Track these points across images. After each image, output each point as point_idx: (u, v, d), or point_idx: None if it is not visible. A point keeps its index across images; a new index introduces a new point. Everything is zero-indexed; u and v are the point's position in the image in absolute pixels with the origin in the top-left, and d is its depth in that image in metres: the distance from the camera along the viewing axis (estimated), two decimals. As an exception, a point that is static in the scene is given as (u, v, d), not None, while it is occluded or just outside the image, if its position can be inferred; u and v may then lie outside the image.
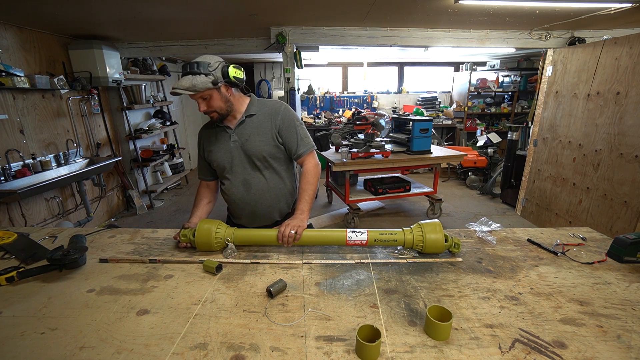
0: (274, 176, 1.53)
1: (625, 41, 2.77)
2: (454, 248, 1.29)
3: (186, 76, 1.31)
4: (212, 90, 1.35)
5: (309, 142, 1.53)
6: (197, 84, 1.29)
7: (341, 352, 0.83)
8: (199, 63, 1.31)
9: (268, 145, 1.48)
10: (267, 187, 1.52)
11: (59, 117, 3.53)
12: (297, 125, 1.51)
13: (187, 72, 1.31)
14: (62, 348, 0.85)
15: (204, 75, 1.30)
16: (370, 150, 3.69)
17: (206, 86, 1.31)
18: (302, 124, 1.54)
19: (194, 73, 1.30)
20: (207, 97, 1.35)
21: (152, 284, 1.13)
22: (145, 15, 2.95)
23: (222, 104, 1.40)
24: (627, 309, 0.97)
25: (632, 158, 2.71)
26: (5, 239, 1.41)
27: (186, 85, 1.29)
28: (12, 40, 3.03)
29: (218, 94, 1.38)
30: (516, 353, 0.81)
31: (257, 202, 1.53)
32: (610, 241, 1.33)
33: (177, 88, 1.30)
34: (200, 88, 1.30)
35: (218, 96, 1.38)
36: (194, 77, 1.30)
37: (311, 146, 1.53)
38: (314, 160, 1.53)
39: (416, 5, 2.87)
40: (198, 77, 1.29)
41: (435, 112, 6.73)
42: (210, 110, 1.40)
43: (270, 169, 1.52)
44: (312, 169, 1.50)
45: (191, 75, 1.30)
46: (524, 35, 3.96)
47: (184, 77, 1.31)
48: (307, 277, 1.17)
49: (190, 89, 1.29)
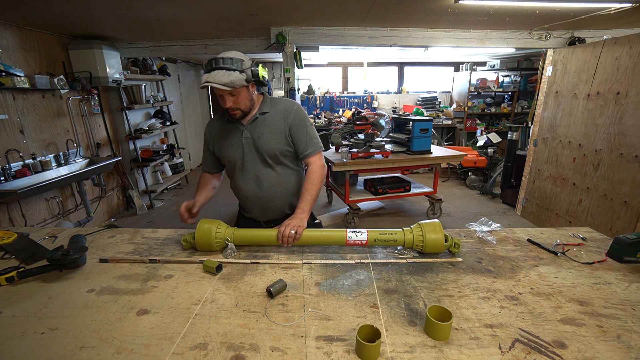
0: (285, 171, 1.55)
1: (625, 41, 2.77)
2: (454, 248, 1.29)
3: (219, 70, 1.28)
4: (243, 88, 1.35)
5: (317, 143, 1.54)
6: (235, 80, 1.29)
7: (341, 352, 0.83)
8: (232, 59, 1.30)
9: (280, 143, 1.49)
10: (278, 182, 1.53)
11: (59, 117, 3.53)
12: (308, 125, 1.52)
13: (221, 66, 1.29)
14: (62, 348, 0.85)
15: (238, 72, 1.30)
16: (370, 150, 3.69)
17: (242, 84, 1.32)
18: (312, 124, 1.55)
19: (229, 69, 1.29)
20: (236, 94, 1.35)
21: (152, 284, 1.13)
22: (145, 15, 2.95)
23: (247, 102, 1.41)
24: (627, 309, 0.97)
25: (632, 158, 2.71)
26: (5, 239, 1.41)
27: (225, 81, 1.27)
28: (12, 40, 3.03)
29: (246, 91, 1.39)
30: (516, 353, 0.81)
31: (269, 198, 1.54)
32: (610, 241, 1.33)
33: (213, 82, 1.27)
34: (238, 85, 1.31)
35: (246, 94, 1.39)
36: (229, 73, 1.28)
37: (319, 147, 1.54)
38: (320, 162, 1.52)
39: (416, 5, 2.87)
40: (234, 74, 1.29)
41: (435, 112, 6.73)
42: (235, 107, 1.39)
43: (281, 165, 1.53)
44: (318, 170, 1.50)
45: (225, 70, 1.28)
46: (524, 35, 3.96)
47: (217, 71, 1.28)
48: (307, 277, 1.17)
49: (229, 85, 1.29)
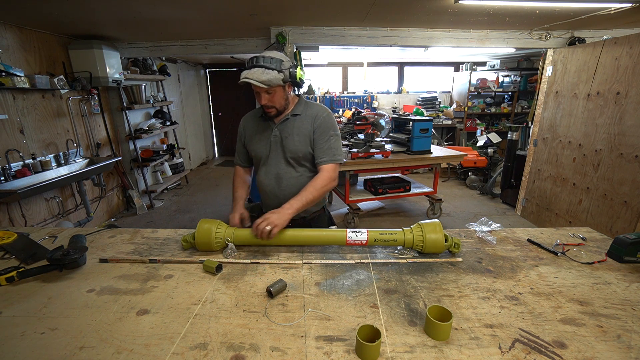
0: (306, 173, 1.55)
1: (625, 41, 2.77)
2: (454, 248, 1.29)
3: (258, 68, 1.32)
4: (279, 87, 1.38)
5: (335, 154, 1.50)
6: (272, 79, 1.32)
7: (341, 352, 0.83)
8: (272, 58, 1.34)
9: (305, 146, 1.50)
10: (297, 182, 1.53)
11: (59, 117, 3.53)
12: (332, 134, 1.50)
13: (261, 64, 1.32)
14: (62, 348, 0.85)
15: (276, 72, 1.33)
16: (370, 150, 3.69)
17: (278, 83, 1.36)
18: (338, 135, 1.53)
19: (268, 67, 1.32)
20: (272, 92, 1.39)
21: (152, 284, 1.13)
22: (145, 15, 2.95)
23: (282, 101, 1.44)
24: (627, 309, 0.97)
25: (632, 158, 2.71)
26: (5, 239, 1.41)
27: (262, 79, 1.31)
28: (12, 40, 3.03)
29: (282, 91, 1.42)
30: (516, 353, 0.81)
31: (286, 196, 1.54)
32: (610, 241, 1.33)
33: (251, 79, 1.31)
34: (274, 84, 1.34)
35: (282, 93, 1.42)
36: (267, 72, 1.32)
37: (336, 159, 1.50)
38: (331, 173, 1.48)
39: (416, 5, 2.87)
40: (271, 72, 1.32)
41: (435, 112, 6.72)
42: (270, 105, 1.42)
43: (302, 166, 1.55)
44: (326, 178, 1.46)
45: (264, 69, 1.32)
46: (524, 35, 3.95)
47: (255, 69, 1.32)
48: (307, 277, 1.17)
49: (266, 83, 1.32)
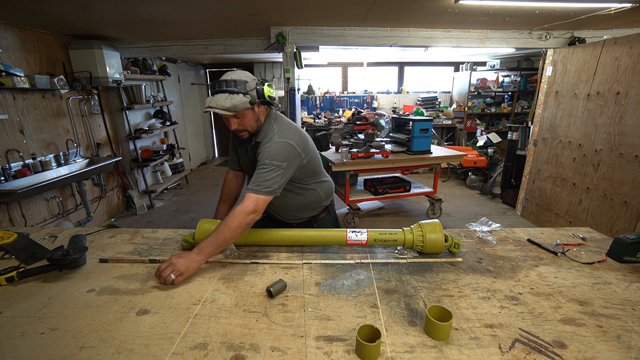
0: (287, 193, 1.46)
1: (625, 41, 2.77)
2: (454, 248, 1.29)
3: (222, 94, 1.25)
4: (248, 110, 1.31)
5: (261, 185, 1.27)
6: (237, 104, 1.25)
7: (341, 352, 0.83)
8: (236, 81, 1.27)
9: None
10: (282, 202, 1.50)
11: (59, 117, 3.52)
12: (267, 164, 1.30)
13: (224, 89, 1.26)
14: (62, 348, 0.85)
15: (242, 95, 1.26)
16: (370, 150, 3.69)
17: (245, 106, 1.28)
18: (276, 166, 1.30)
19: (232, 92, 1.25)
20: (240, 116, 1.31)
21: (152, 284, 1.13)
22: (145, 15, 2.95)
23: (253, 123, 1.36)
24: (627, 309, 0.97)
25: (632, 158, 2.71)
26: (5, 239, 1.41)
27: (227, 106, 1.24)
28: (12, 40, 3.02)
29: (252, 113, 1.33)
30: (516, 353, 0.81)
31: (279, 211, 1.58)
32: (610, 241, 1.33)
33: (215, 107, 1.24)
34: (240, 108, 1.27)
35: (251, 115, 1.34)
36: (232, 97, 1.25)
37: (260, 191, 1.26)
38: (249, 206, 1.24)
39: (416, 5, 2.87)
40: (237, 97, 1.25)
41: (435, 112, 6.73)
42: (241, 128, 1.35)
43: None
44: (240, 212, 1.23)
45: (228, 93, 1.25)
46: (524, 35, 3.95)
47: (220, 95, 1.25)
48: (307, 277, 1.17)
49: (231, 110, 1.25)
